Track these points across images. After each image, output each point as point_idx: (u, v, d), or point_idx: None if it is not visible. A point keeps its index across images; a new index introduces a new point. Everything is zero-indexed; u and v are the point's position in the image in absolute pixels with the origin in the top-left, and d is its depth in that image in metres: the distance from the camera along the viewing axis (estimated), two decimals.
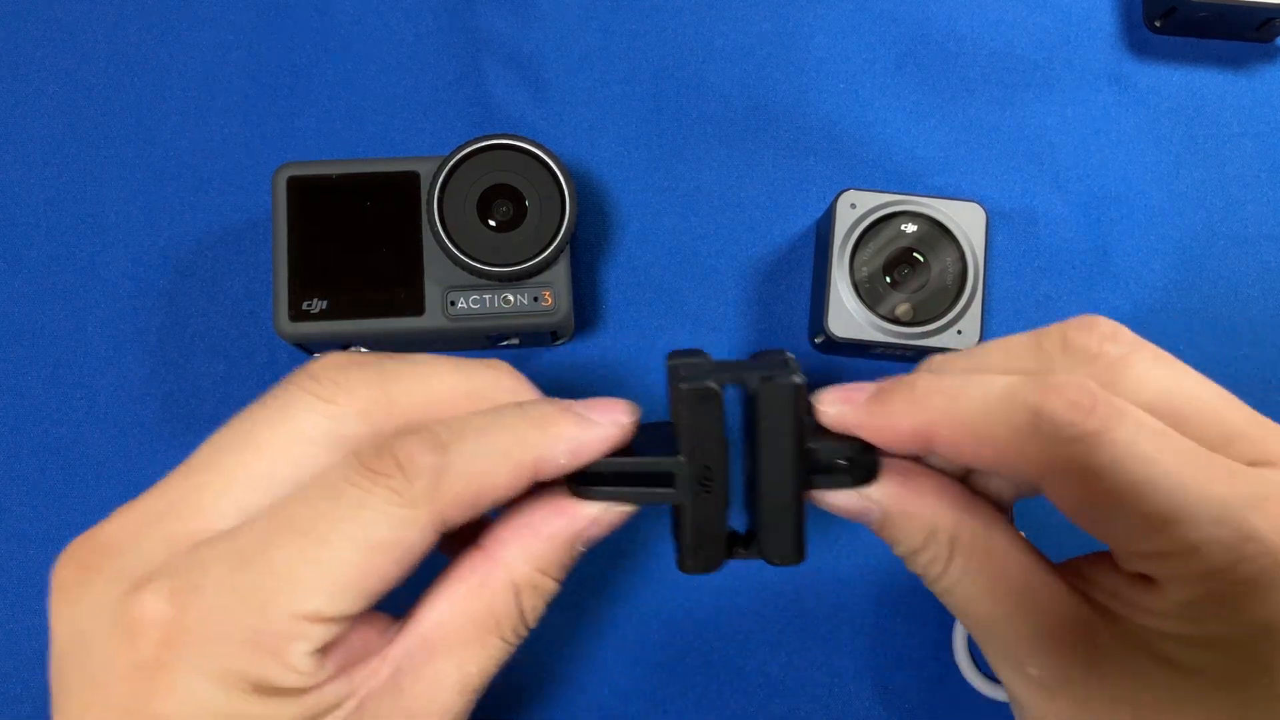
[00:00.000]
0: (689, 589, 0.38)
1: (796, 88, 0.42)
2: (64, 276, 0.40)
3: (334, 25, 0.42)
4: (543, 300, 0.36)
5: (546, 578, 0.26)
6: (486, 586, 0.25)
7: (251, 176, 0.40)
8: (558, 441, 0.25)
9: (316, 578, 0.23)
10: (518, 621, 0.26)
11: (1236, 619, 0.22)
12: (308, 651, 0.23)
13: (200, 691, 0.22)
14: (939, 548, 0.25)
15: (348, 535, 0.23)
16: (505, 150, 0.36)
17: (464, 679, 0.25)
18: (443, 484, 0.24)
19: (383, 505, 0.23)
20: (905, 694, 0.38)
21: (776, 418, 0.25)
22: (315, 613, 0.23)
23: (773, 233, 0.41)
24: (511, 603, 0.26)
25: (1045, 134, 0.42)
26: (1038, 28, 0.42)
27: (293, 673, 0.23)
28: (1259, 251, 0.41)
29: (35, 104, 0.41)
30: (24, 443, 0.39)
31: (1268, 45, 0.42)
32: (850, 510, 0.26)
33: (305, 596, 0.23)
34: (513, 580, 0.26)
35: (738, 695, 0.38)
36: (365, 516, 0.23)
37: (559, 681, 0.38)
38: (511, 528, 0.26)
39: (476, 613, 0.25)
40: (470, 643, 0.25)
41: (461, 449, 0.24)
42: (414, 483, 0.23)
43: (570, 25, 0.42)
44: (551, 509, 0.26)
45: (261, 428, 0.25)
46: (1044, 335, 0.25)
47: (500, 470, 0.25)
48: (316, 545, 0.23)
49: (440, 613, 0.25)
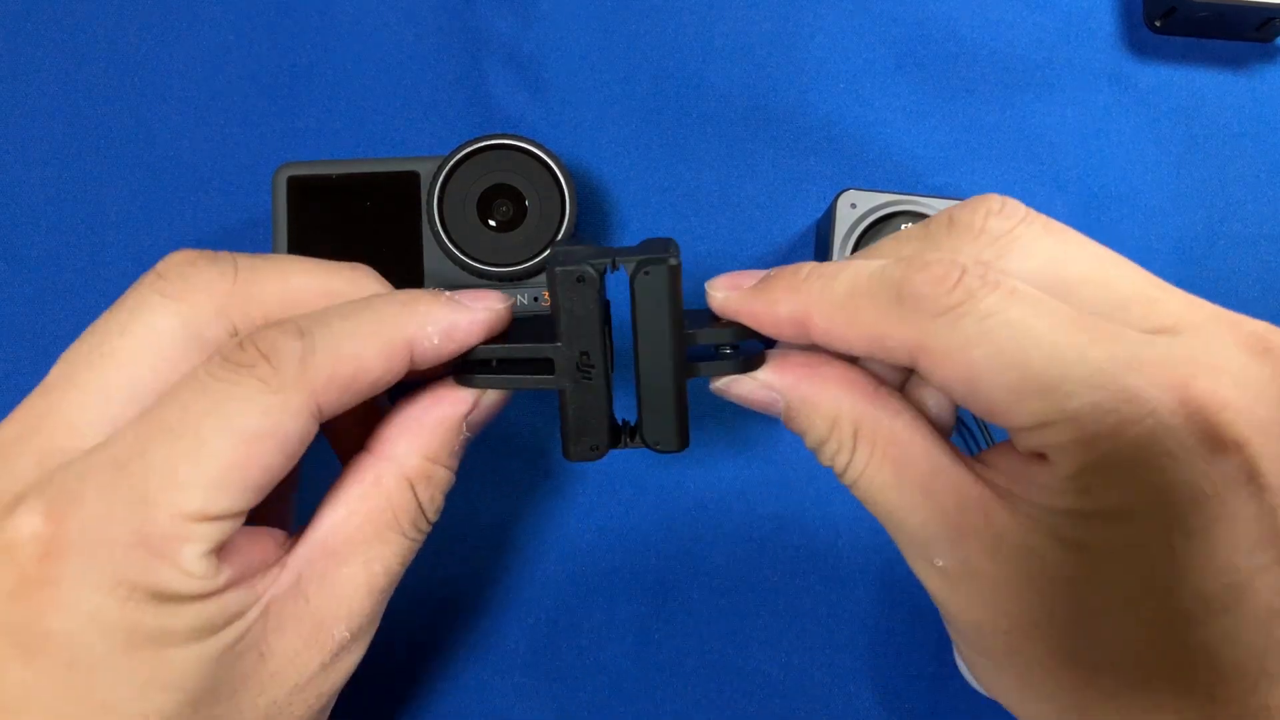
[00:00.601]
0: (689, 589, 0.38)
1: (796, 88, 0.42)
2: (64, 276, 0.40)
3: (334, 25, 0.42)
4: (543, 300, 0.36)
5: (437, 466, 0.26)
6: (380, 483, 0.26)
7: (251, 176, 0.41)
8: (427, 321, 0.25)
9: (195, 474, 0.22)
10: (416, 514, 0.26)
11: (1126, 488, 0.21)
12: (199, 553, 0.23)
13: (90, 603, 0.22)
14: (843, 436, 0.25)
15: (220, 429, 0.23)
16: (505, 150, 0.36)
17: (370, 579, 0.25)
18: (310, 367, 0.24)
19: (252, 395, 0.23)
20: (905, 694, 0.38)
21: (653, 300, 0.25)
22: (199, 511, 0.22)
23: (773, 233, 0.41)
24: (408, 495, 0.26)
25: (1045, 134, 0.42)
26: (1038, 28, 0.42)
27: (186, 576, 0.23)
28: (1259, 251, 0.41)
29: (35, 104, 0.41)
30: None
31: (1268, 45, 0.42)
32: (755, 400, 0.26)
33: (187, 495, 0.22)
34: (404, 473, 0.26)
35: (738, 695, 0.38)
36: (235, 408, 0.23)
37: (558, 681, 0.38)
38: (396, 424, 0.26)
39: (374, 511, 0.25)
40: (372, 541, 0.25)
41: (326, 332, 0.24)
42: (280, 369, 0.23)
43: (570, 25, 0.42)
44: (432, 399, 0.27)
45: (114, 336, 0.25)
46: (933, 219, 0.25)
47: (369, 350, 0.24)
48: (191, 442, 0.22)
49: (337, 516, 0.25)
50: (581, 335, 0.26)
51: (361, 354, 0.24)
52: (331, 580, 0.25)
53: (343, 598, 0.25)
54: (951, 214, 0.25)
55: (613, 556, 0.38)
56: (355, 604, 0.25)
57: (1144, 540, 0.21)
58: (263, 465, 0.23)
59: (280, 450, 0.23)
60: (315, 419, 0.24)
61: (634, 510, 0.39)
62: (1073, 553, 0.22)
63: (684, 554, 0.39)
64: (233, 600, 0.24)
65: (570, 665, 0.38)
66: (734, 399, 0.27)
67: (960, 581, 0.24)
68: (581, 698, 0.38)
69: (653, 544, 0.39)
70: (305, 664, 0.25)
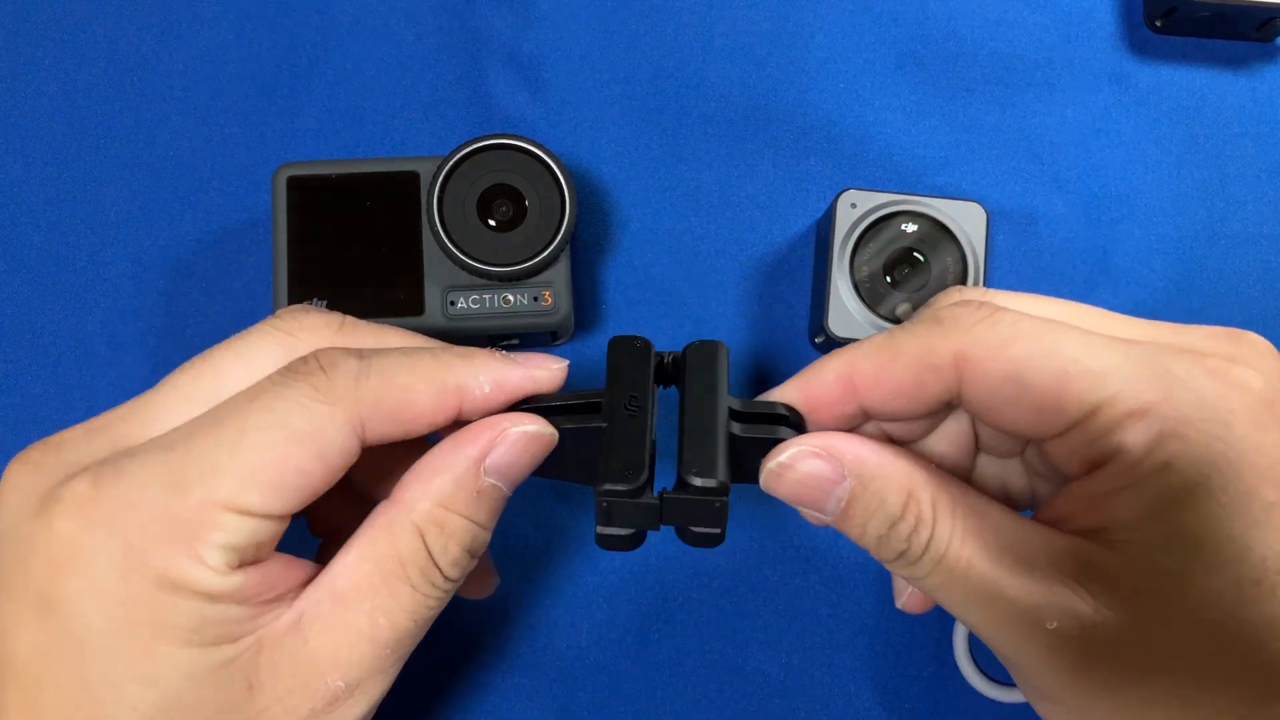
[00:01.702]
0: (689, 589, 0.38)
1: (796, 88, 0.42)
2: (64, 276, 0.40)
3: (334, 25, 0.42)
4: (543, 300, 0.36)
5: (451, 514, 0.25)
6: (390, 530, 0.25)
7: (251, 176, 0.40)
8: (480, 371, 0.26)
9: (232, 464, 0.23)
10: (426, 564, 0.25)
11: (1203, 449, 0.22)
12: (220, 544, 0.23)
13: (101, 574, 0.22)
14: (922, 510, 0.24)
15: (264, 424, 0.23)
16: (505, 150, 0.36)
17: (373, 630, 0.24)
18: (362, 386, 0.24)
19: (300, 398, 0.24)
20: (905, 694, 0.38)
21: (703, 363, 0.26)
22: (228, 500, 0.23)
23: (773, 233, 0.41)
24: (416, 543, 0.25)
25: (1045, 134, 0.42)
26: (1038, 28, 0.42)
27: (200, 567, 0.23)
28: (1259, 251, 0.41)
29: (35, 104, 0.41)
30: (24, 443, 0.39)
31: (1268, 45, 0.42)
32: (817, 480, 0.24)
33: (220, 482, 0.23)
34: (413, 519, 0.25)
35: (738, 695, 0.38)
36: (282, 407, 0.24)
37: (558, 681, 0.38)
38: (413, 471, 0.26)
39: (381, 557, 0.25)
40: (378, 589, 0.25)
41: (384, 360, 0.25)
42: (334, 381, 0.24)
43: (570, 25, 0.42)
44: (449, 443, 0.26)
45: (221, 353, 0.26)
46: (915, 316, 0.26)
47: (421, 386, 0.25)
48: (234, 433, 0.23)
49: (348, 560, 0.25)
50: (631, 382, 0.26)
51: (413, 386, 0.25)
52: (333, 626, 0.24)
53: (341, 645, 0.24)
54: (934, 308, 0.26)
55: (613, 557, 0.38)
56: (354, 654, 0.24)
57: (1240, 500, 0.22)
58: (298, 468, 0.23)
59: (318, 457, 0.24)
60: (358, 437, 0.24)
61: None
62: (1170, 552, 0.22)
63: (684, 554, 0.38)
64: (234, 617, 0.24)
65: (570, 665, 0.38)
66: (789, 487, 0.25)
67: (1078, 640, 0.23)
68: (581, 698, 0.38)
69: (653, 544, 0.39)
70: (293, 708, 0.24)
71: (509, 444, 0.25)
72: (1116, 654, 0.23)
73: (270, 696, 0.24)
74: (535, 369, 0.27)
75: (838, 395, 0.25)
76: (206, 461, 0.23)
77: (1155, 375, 0.22)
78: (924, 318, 0.25)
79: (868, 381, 0.25)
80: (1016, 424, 0.24)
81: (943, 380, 0.24)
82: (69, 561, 0.23)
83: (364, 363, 0.25)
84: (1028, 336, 0.23)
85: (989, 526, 0.24)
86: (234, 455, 0.23)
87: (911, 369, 0.24)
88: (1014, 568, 0.23)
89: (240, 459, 0.23)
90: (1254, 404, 0.22)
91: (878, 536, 0.24)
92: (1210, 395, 0.22)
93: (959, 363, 0.24)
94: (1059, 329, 0.23)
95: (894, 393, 0.25)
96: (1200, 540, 0.22)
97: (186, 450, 0.23)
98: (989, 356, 0.23)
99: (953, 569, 0.24)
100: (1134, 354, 0.23)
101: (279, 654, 0.24)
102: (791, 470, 0.25)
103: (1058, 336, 0.23)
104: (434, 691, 0.38)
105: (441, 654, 0.38)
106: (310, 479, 0.24)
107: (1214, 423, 0.22)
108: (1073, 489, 0.24)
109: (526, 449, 0.26)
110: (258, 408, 0.24)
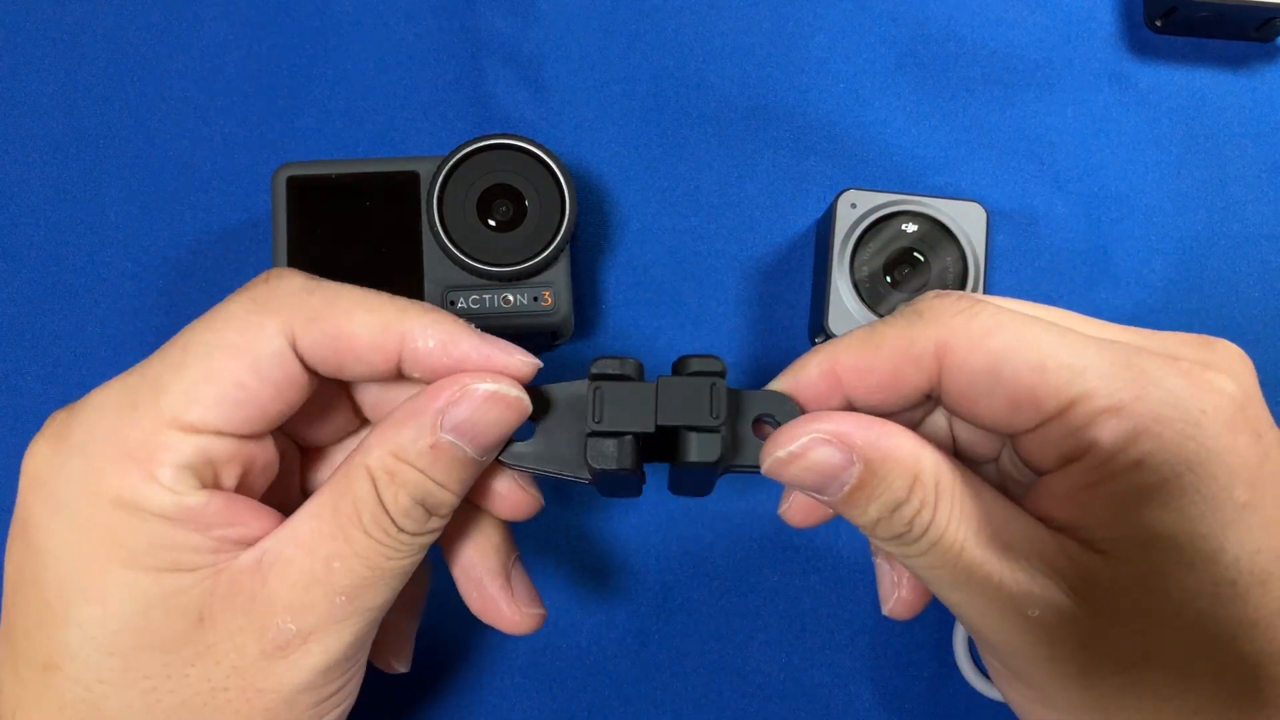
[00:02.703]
0: (689, 589, 0.38)
1: (796, 87, 0.42)
2: (64, 276, 0.40)
3: (334, 25, 0.42)
4: (543, 300, 0.36)
5: (403, 464, 0.25)
6: (345, 477, 0.25)
7: (251, 176, 0.40)
8: (432, 325, 0.25)
9: (176, 381, 0.24)
10: (376, 509, 0.25)
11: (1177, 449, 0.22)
12: (173, 464, 0.23)
13: (63, 494, 0.24)
14: (926, 492, 0.24)
15: (201, 340, 0.24)
16: (505, 150, 0.36)
17: (328, 573, 0.24)
18: (301, 303, 0.25)
19: (238, 310, 0.25)
20: (905, 694, 0.38)
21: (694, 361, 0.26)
22: (175, 417, 0.23)
23: (773, 233, 0.41)
24: (367, 488, 0.25)
25: (1045, 134, 0.42)
26: (1038, 28, 0.42)
27: (154, 486, 0.23)
28: (1259, 251, 0.41)
29: (35, 104, 0.41)
30: (24, 443, 0.39)
31: (1268, 45, 0.42)
32: (828, 467, 0.24)
33: (165, 400, 0.24)
34: (367, 464, 0.25)
35: (738, 695, 0.38)
36: (219, 323, 0.24)
37: (558, 681, 0.38)
38: (378, 423, 0.26)
39: (339, 504, 0.25)
40: (334, 535, 0.25)
41: (335, 287, 0.25)
42: (274, 292, 0.25)
43: (570, 25, 0.42)
44: (412, 399, 0.25)
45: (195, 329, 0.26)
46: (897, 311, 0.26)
47: (362, 316, 0.25)
48: (178, 351, 0.24)
49: (310, 508, 0.25)
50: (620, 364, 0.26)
51: (353, 314, 0.25)
52: (290, 569, 0.24)
53: (295, 588, 0.24)
54: (915, 303, 0.26)
55: (613, 557, 0.38)
56: (307, 597, 0.24)
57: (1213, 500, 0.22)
58: (236, 380, 0.24)
59: (253, 370, 0.24)
60: (292, 350, 0.25)
61: (634, 510, 0.39)
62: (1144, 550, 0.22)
63: (684, 554, 0.38)
64: (190, 544, 0.24)
65: (570, 665, 0.38)
66: (796, 474, 0.24)
67: (1057, 629, 0.23)
68: (581, 698, 0.38)
69: (653, 544, 0.39)
70: (242, 645, 0.24)
71: (469, 399, 0.25)
72: (1093, 646, 0.23)
73: (221, 632, 0.24)
74: (495, 347, 0.26)
75: (824, 389, 0.26)
76: (154, 382, 0.24)
77: (1130, 374, 0.23)
78: (905, 311, 0.25)
79: (851, 374, 0.25)
80: (993, 416, 0.24)
81: (923, 371, 0.24)
82: (38, 485, 0.24)
83: (311, 281, 0.25)
84: (1007, 329, 0.23)
85: (983, 510, 0.24)
86: (178, 373, 0.24)
87: (892, 360, 0.25)
88: (1003, 553, 0.24)
89: (183, 376, 0.24)
90: (1226, 406, 0.22)
91: (878, 519, 0.24)
92: (1183, 396, 0.22)
93: (939, 353, 0.24)
94: (1038, 324, 0.23)
95: (877, 385, 0.25)
96: (1174, 539, 0.22)
97: (140, 374, 0.24)
98: (968, 347, 0.24)
99: (946, 551, 0.24)
100: (1110, 353, 0.23)
101: (236, 591, 0.24)
102: (801, 459, 0.24)
103: (1037, 331, 0.23)
104: (434, 691, 0.38)
105: (442, 654, 0.38)
106: (250, 393, 0.24)
107: (1187, 423, 0.22)
108: (1046, 484, 0.24)
109: (489, 407, 0.25)
110: (202, 325, 0.25)
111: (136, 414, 0.24)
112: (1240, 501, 0.22)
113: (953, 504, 0.24)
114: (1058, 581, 0.23)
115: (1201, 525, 0.22)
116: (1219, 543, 0.22)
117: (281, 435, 0.28)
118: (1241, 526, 0.22)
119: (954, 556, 0.24)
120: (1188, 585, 0.22)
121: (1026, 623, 0.23)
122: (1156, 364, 0.23)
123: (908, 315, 0.25)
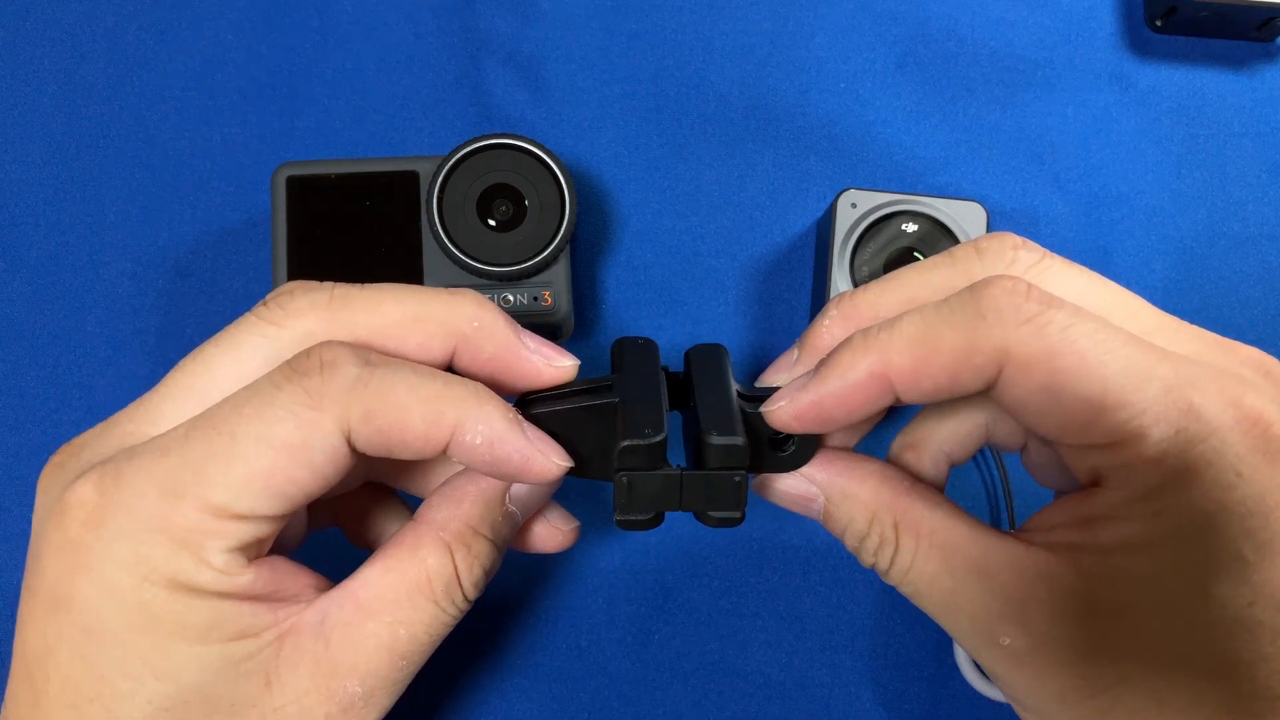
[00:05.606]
0: (689, 589, 0.38)
1: (797, 87, 0.42)
2: (64, 276, 0.40)
3: (334, 25, 0.42)
4: (543, 300, 0.36)
5: (479, 536, 0.26)
6: (418, 546, 0.26)
7: (251, 176, 0.40)
8: (481, 421, 0.25)
9: (223, 472, 0.23)
10: (451, 582, 0.26)
11: (1197, 504, 0.22)
12: (223, 548, 0.23)
13: (111, 576, 0.23)
14: (885, 529, 0.26)
15: (254, 433, 0.23)
16: (505, 150, 0.36)
17: (393, 641, 0.25)
18: (355, 394, 0.24)
19: (290, 403, 0.23)
20: (905, 694, 0.38)
21: (707, 357, 0.27)
22: (224, 507, 0.23)
23: (773, 233, 0.41)
24: (444, 560, 0.26)
25: (1046, 134, 0.42)
26: (1038, 27, 0.42)
27: (207, 569, 0.23)
28: (1259, 251, 0.41)
29: (35, 104, 0.41)
30: (23, 443, 0.39)
31: (1268, 45, 0.42)
32: (793, 496, 0.27)
33: (213, 490, 0.23)
34: (443, 537, 0.26)
35: (737, 696, 0.38)
36: (271, 415, 0.23)
37: (558, 681, 0.38)
38: (439, 495, 0.27)
39: (408, 571, 0.25)
40: (401, 602, 0.25)
41: (389, 374, 0.24)
42: (329, 385, 0.24)
43: (570, 25, 0.42)
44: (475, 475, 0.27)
45: (211, 348, 0.26)
46: (957, 249, 0.26)
47: (418, 410, 0.24)
48: (226, 440, 0.23)
49: (373, 573, 0.26)
50: (640, 365, 0.26)
51: (409, 409, 0.24)
52: (354, 632, 0.25)
53: (361, 651, 0.25)
54: (978, 244, 0.26)
55: (613, 556, 0.38)
56: (373, 662, 0.25)
57: (1218, 555, 0.22)
58: (288, 476, 0.24)
59: (307, 466, 0.24)
60: (346, 445, 0.24)
61: None
62: (1147, 588, 0.23)
63: (684, 554, 0.38)
64: (250, 613, 0.24)
65: (570, 665, 0.38)
66: (775, 495, 0.27)
67: (1029, 656, 0.24)
68: (581, 698, 0.38)
69: (652, 544, 0.39)
70: (310, 707, 0.25)
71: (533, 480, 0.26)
72: (1068, 672, 0.23)
73: (289, 695, 0.24)
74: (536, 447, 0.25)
75: (874, 393, 0.24)
76: (198, 470, 0.23)
77: (1186, 420, 0.22)
78: (965, 304, 0.23)
79: (906, 378, 0.24)
80: (1041, 427, 0.24)
81: (980, 377, 0.23)
82: (81, 564, 0.23)
83: (365, 371, 0.24)
84: (1074, 352, 0.22)
85: (954, 542, 0.25)
86: (226, 466, 0.23)
87: (950, 367, 0.23)
88: (977, 583, 0.24)
89: (232, 470, 0.23)
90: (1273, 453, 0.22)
91: (855, 547, 0.27)
92: (1230, 451, 0.22)
93: (1001, 359, 0.23)
94: (1106, 344, 0.22)
95: (932, 390, 0.24)
96: (1169, 588, 0.22)
97: (181, 456, 0.23)
98: (1032, 364, 0.23)
99: (917, 583, 0.25)
100: (1172, 393, 0.22)
101: (301, 653, 0.25)
102: (776, 485, 0.27)
103: (1103, 356, 0.22)
104: (434, 691, 0.38)
105: (441, 654, 0.38)
106: (301, 485, 0.24)
107: (1222, 481, 0.22)
108: (1066, 502, 0.25)
109: (546, 484, 0.27)
110: (249, 414, 0.23)
111: (182, 504, 0.23)
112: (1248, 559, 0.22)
113: (918, 540, 0.25)
114: (1035, 610, 0.24)
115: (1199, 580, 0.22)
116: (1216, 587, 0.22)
117: None
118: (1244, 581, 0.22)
119: (926, 587, 0.25)
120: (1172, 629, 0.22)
121: (1000, 650, 0.24)
122: (1217, 409, 0.22)
123: (968, 313, 0.23)
